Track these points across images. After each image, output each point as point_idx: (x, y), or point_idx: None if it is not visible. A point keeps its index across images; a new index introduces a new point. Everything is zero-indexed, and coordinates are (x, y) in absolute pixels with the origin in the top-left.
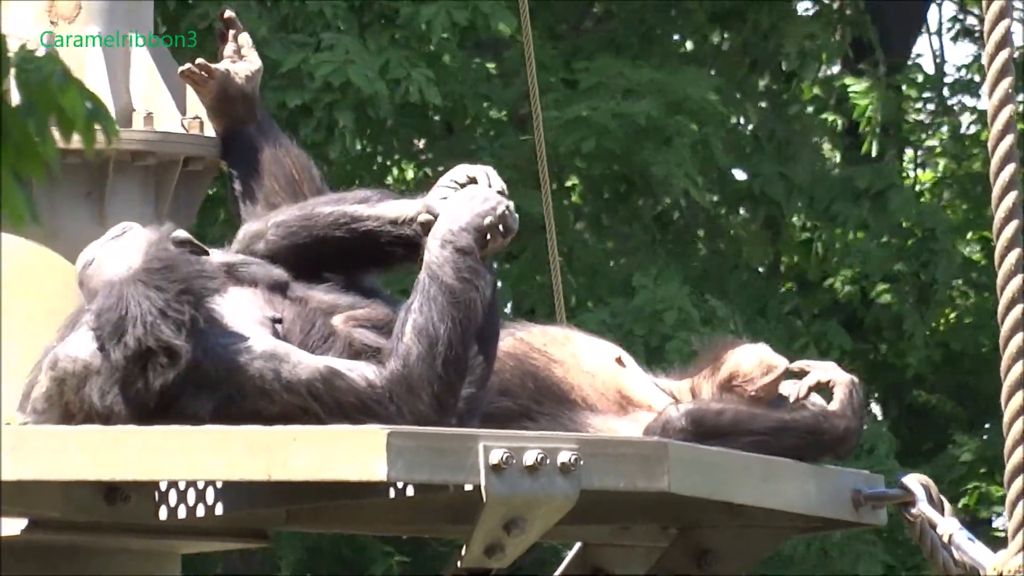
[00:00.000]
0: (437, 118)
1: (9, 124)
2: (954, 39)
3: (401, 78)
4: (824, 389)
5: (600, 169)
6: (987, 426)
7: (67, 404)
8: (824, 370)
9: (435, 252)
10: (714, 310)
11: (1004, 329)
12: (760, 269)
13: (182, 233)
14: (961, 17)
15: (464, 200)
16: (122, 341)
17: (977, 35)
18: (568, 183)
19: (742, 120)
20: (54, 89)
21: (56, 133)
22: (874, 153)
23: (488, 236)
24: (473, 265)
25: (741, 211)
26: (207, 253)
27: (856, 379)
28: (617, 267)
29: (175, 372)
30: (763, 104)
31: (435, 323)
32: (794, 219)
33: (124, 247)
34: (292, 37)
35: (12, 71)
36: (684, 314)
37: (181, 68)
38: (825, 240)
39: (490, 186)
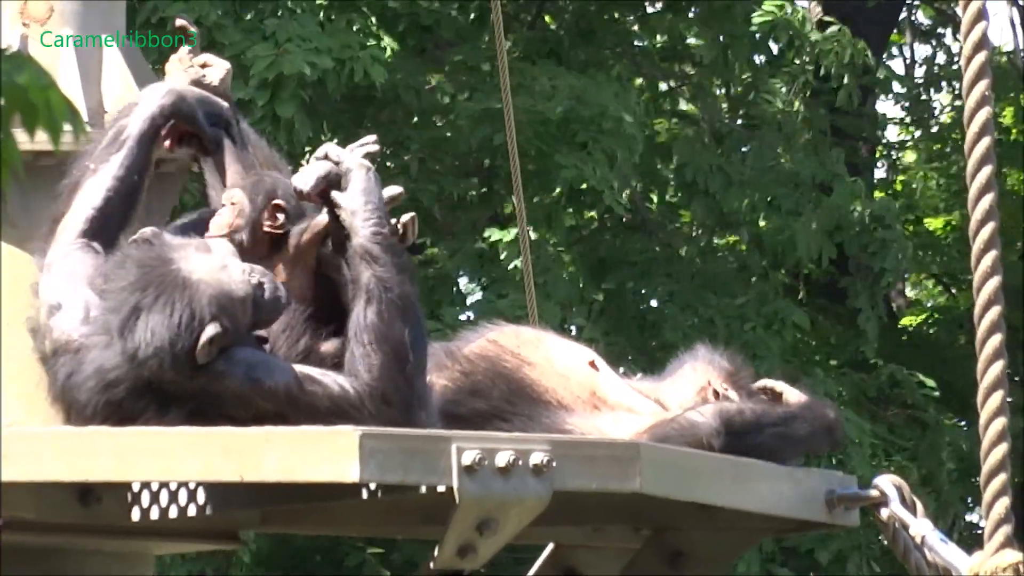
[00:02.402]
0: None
1: None
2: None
3: (347, 59)
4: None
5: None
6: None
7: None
8: (772, 383)
9: (380, 258)
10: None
11: (980, 330)
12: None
13: (273, 285)
14: (915, 19)
15: (366, 189)
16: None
17: (931, 34)
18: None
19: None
20: (22, 87)
21: (23, 135)
22: (854, 104)
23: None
24: (407, 262)
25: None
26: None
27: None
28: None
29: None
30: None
31: (398, 330)
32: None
33: (212, 255)
34: (241, 24)
35: None
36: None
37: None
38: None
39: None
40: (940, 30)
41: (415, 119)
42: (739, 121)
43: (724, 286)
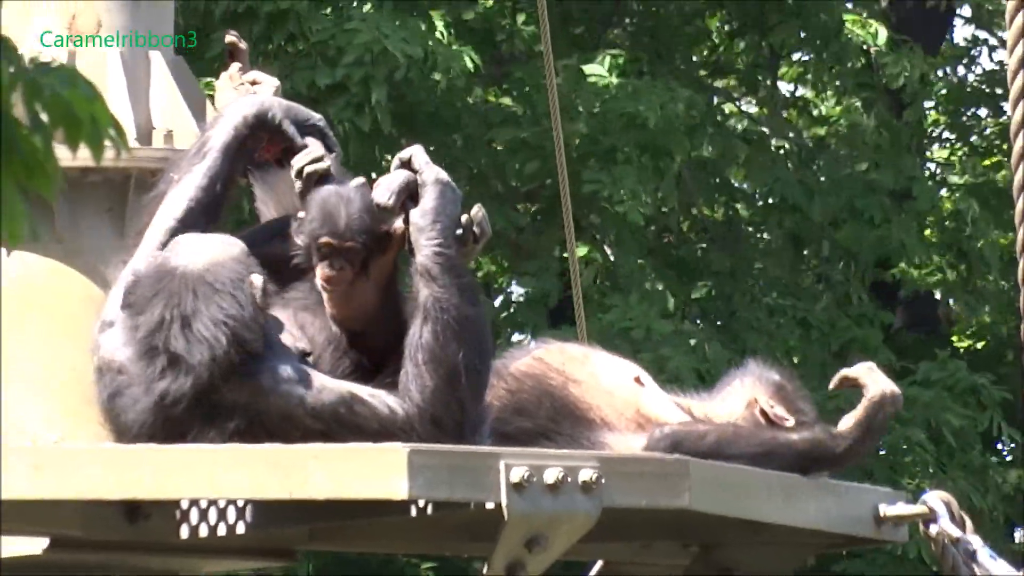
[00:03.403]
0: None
1: (16, 138)
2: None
3: (429, 50)
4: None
5: (536, 186)
6: None
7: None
8: (864, 372)
9: (439, 278)
10: (689, 334)
11: None
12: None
13: (260, 279)
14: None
15: (437, 207)
16: (160, 338)
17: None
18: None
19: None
20: (67, 98)
21: (67, 150)
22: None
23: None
24: (470, 282)
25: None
26: (268, 301)
27: (890, 391)
28: (599, 286)
29: (193, 388)
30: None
31: (452, 352)
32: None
33: (202, 243)
34: (323, 14)
35: (19, 85)
36: (651, 332)
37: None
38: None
39: (446, 175)
40: (975, 51)
41: (466, 139)
42: (806, 134)
43: (806, 292)
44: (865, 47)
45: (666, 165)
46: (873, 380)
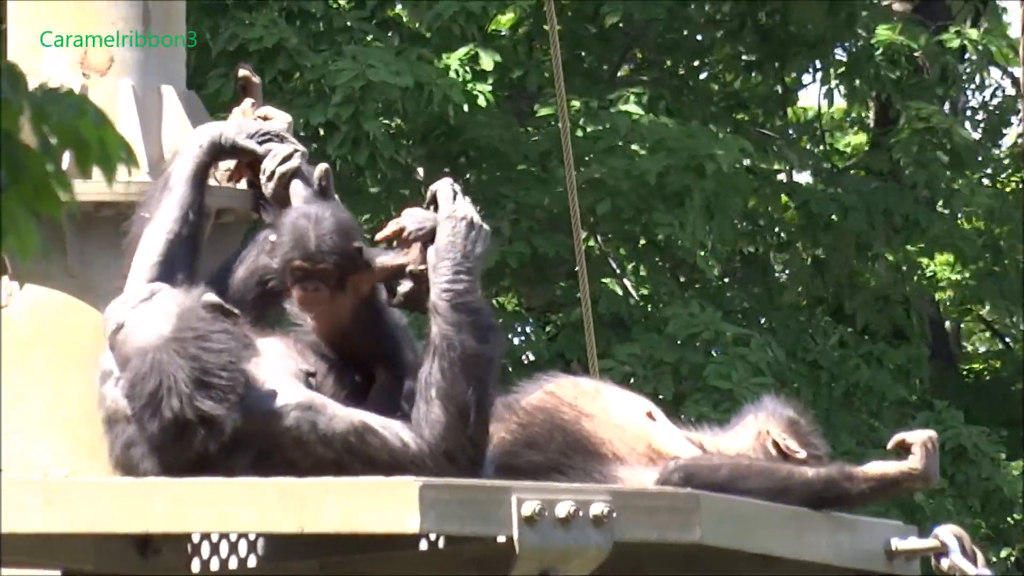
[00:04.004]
0: (464, 159)
1: (25, 161)
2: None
3: (426, 83)
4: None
5: (613, 228)
6: None
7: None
8: (919, 442)
9: (447, 315)
10: (749, 338)
11: None
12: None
13: (212, 297)
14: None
15: (448, 244)
16: (158, 413)
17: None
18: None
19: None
20: (74, 123)
21: (77, 175)
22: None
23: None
24: (486, 323)
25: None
26: (237, 315)
27: (927, 473)
28: (648, 311)
29: (218, 442)
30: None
31: (460, 389)
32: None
33: (155, 312)
34: (316, 49)
35: (27, 109)
36: (720, 335)
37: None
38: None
39: (466, 211)
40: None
41: (505, 168)
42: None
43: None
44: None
45: (730, 210)
46: (922, 454)
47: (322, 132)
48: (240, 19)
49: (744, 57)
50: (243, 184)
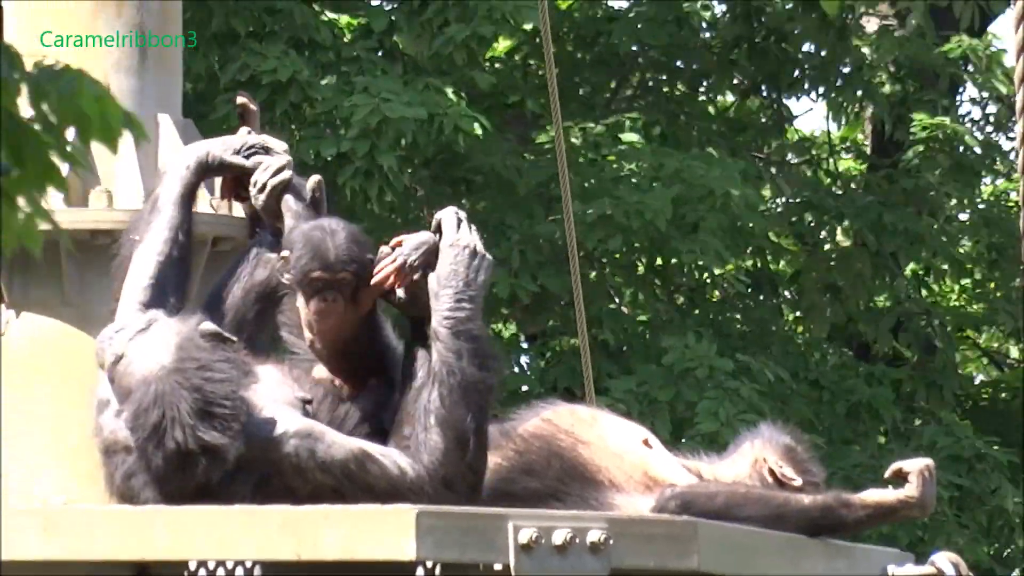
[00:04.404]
0: (465, 187)
1: (30, 141)
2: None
3: (436, 113)
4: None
5: (627, 261)
6: None
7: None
8: (916, 470)
9: (447, 342)
10: (747, 365)
11: None
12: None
13: (209, 326)
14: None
15: (450, 272)
16: (162, 444)
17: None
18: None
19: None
20: (74, 99)
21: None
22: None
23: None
24: (486, 351)
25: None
26: (234, 342)
27: (923, 502)
28: (647, 338)
29: (220, 470)
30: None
31: (459, 416)
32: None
33: (154, 342)
34: (325, 81)
35: (26, 88)
36: (714, 371)
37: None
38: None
39: (469, 239)
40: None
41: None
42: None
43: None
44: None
45: (744, 239)
46: (919, 483)
47: (329, 161)
48: (252, 49)
49: (738, 80)
50: (237, 207)
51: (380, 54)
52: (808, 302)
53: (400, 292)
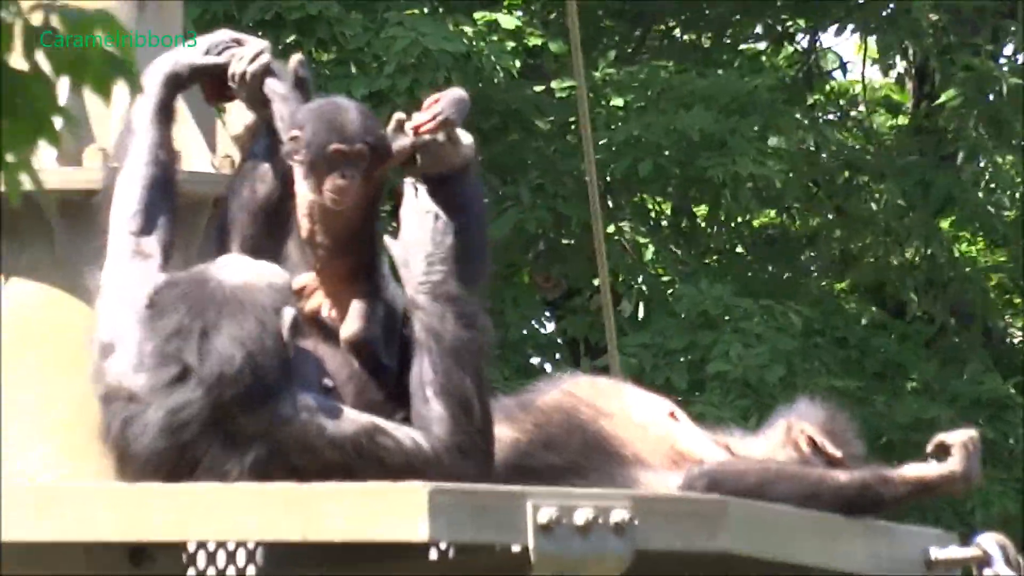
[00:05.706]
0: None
1: (20, 88)
2: None
3: (473, 51)
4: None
5: (657, 191)
6: None
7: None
8: (959, 443)
9: (427, 307)
10: (771, 308)
11: None
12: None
13: (296, 318)
14: None
15: (417, 238)
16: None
17: None
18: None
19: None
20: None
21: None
22: None
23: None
24: (469, 310)
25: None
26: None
27: (967, 475)
28: (665, 292)
29: (220, 431)
30: None
31: (456, 380)
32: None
33: (246, 270)
34: (355, 19)
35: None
36: (731, 310)
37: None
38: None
39: (429, 204)
40: None
41: (531, 136)
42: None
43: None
44: None
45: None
46: (962, 456)
47: (361, 101)
48: None
49: (771, 23)
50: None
51: None
52: (828, 260)
53: (419, 158)
